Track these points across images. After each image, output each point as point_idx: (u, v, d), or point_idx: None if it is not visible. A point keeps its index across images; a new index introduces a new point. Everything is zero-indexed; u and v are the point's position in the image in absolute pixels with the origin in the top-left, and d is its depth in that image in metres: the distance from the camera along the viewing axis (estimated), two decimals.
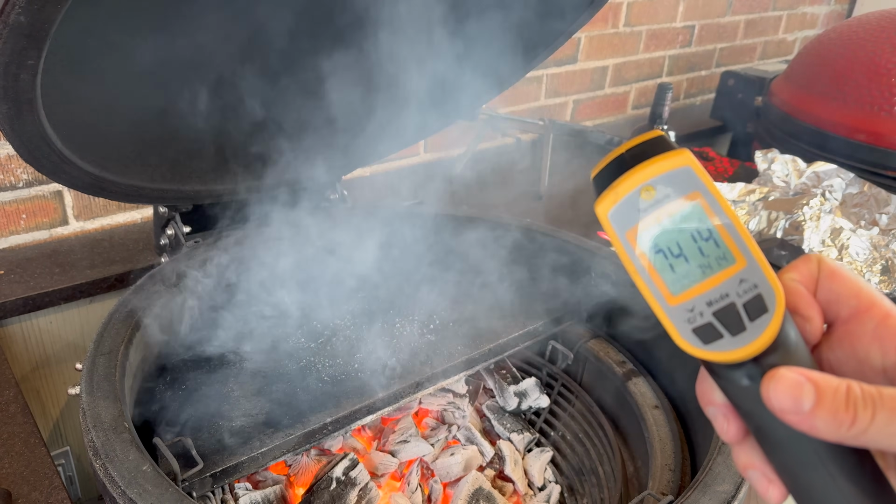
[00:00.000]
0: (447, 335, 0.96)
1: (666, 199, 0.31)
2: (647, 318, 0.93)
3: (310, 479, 0.83)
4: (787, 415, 0.30)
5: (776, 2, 2.42)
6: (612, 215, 0.32)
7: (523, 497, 0.92)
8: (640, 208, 0.31)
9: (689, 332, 0.32)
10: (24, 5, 0.54)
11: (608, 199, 0.31)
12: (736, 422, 0.33)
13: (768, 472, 0.32)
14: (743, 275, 0.31)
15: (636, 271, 0.32)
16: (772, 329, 0.31)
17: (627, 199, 0.31)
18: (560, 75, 1.91)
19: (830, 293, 0.33)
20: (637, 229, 0.31)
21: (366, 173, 1.64)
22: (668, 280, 0.32)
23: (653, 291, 0.32)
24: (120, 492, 0.58)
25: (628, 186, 0.31)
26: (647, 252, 0.32)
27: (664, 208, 0.31)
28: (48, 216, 1.21)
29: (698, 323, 0.32)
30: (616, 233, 0.32)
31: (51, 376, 1.14)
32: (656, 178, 0.31)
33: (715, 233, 0.31)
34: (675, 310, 0.32)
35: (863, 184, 1.31)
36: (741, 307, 0.31)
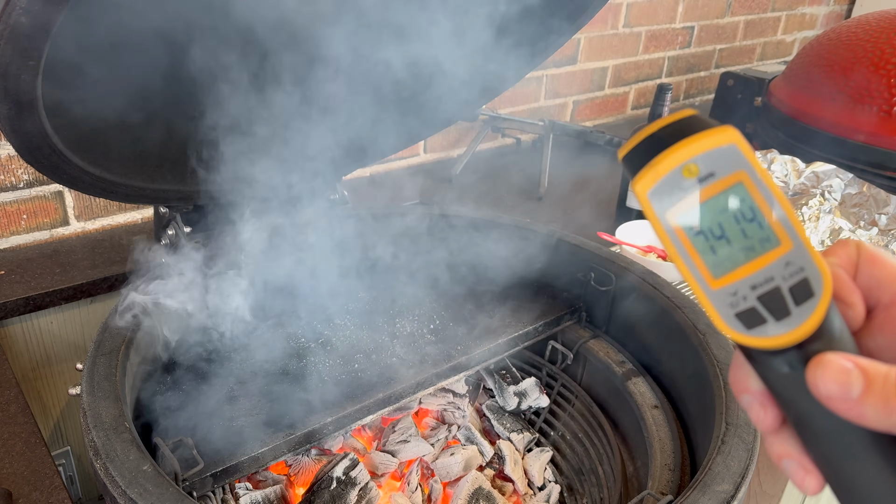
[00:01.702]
0: (447, 335, 0.97)
1: (710, 178, 0.30)
2: (647, 317, 0.94)
3: (310, 478, 0.83)
4: (835, 402, 0.29)
5: (775, 3, 2.43)
6: (652, 194, 0.30)
7: (523, 497, 0.92)
8: (682, 187, 0.30)
9: (732, 316, 0.30)
10: (24, 6, 0.55)
11: (648, 177, 0.30)
12: (773, 410, 0.32)
13: (805, 462, 0.32)
14: (789, 258, 0.30)
15: (676, 253, 0.30)
16: (818, 314, 0.30)
17: (669, 178, 0.29)
18: (560, 76, 1.91)
19: (871, 278, 0.32)
20: (678, 209, 0.30)
21: (366, 174, 1.64)
22: (709, 263, 0.30)
23: (694, 274, 0.30)
24: (120, 491, 0.58)
25: (670, 164, 0.29)
26: (688, 233, 0.30)
27: (707, 187, 0.30)
28: (49, 216, 1.22)
29: (741, 307, 0.30)
30: (656, 213, 0.30)
31: (51, 376, 1.14)
32: (700, 155, 0.29)
33: (759, 214, 0.30)
34: (718, 294, 0.30)
35: (862, 184, 1.32)
36: (787, 291, 0.30)
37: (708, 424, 0.74)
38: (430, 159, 1.77)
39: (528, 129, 1.72)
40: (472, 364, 0.93)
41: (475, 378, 1.04)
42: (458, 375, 0.92)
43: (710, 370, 0.78)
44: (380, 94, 1.00)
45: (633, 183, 0.30)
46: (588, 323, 1.03)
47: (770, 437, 0.33)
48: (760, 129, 1.75)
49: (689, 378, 0.85)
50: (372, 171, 1.66)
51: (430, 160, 1.77)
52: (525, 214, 1.47)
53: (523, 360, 1.06)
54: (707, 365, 0.79)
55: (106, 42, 0.71)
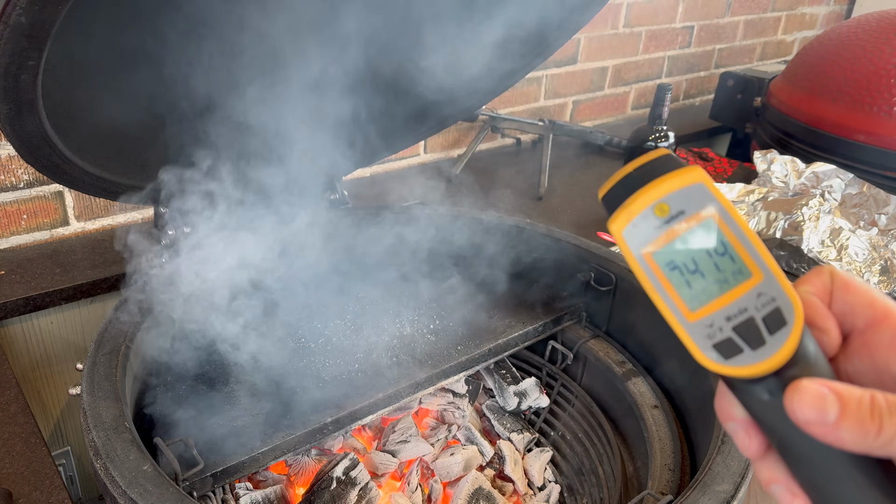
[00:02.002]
0: (447, 335, 0.97)
1: (680, 216, 0.31)
2: (647, 318, 0.94)
3: (310, 478, 0.84)
4: (812, 426, 0.29)
5: (775, 2, 2.43)
6: (627, 233, 0.31)
7: (523, 497, 0.92)
8: (654, 225, 0.31)
9: (710, 347, 0.32)
10: (24, 6, 0.55)
11: (622, 217, 0.31)
12: (757, 437, 0.33)
13: (792, 487, 0.32)
14: (760, 288, 0.31)
15: (653, 288, 0.32)
16: (792, 341, 0.31)
17: (641, 217, 0.31)
18: (560, 76, 1.91)
19: (845, 304, 0.33)
20: (652, 246, 0.31)
21: (366, 174, 1.64)
22: (685, 296, 0.32)
23: (671, 308, 0.32)
24: (121, 491, 0.58)
25: (642, 204, 0.31)
26: (663, 269, 0.32)
27: (679, 225, 0.31)
28: (49, 216, 1.22)
29: (718, 338, 0.31)
30: (631, 250, 0.32)
31: (52, 376, 1.14)
32: (669, 195, 0.31)
33: (730, 248, 0.31)
34: (695, 326, 0.32)
35: (862, 184, 1.32)
36: (760, 321, 0.31)
37: (708, 424, 0.74)
38: (430, 159, 1.77)
39: (528, 129, 1.72)
40: (472, 364, 0.93)
41: (475, 378, 1.04)
42: (458, 375, 0.92)
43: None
44: (380, 93, 1.00)
45: (609, 223, 0.32)
46: (588, 323, 1.03)
47: (757, 463, 0.34)
48: (760, 129, 1.75)
49: (689, 378, 0.85)
50: (372, 171, 1.66)
51: (430, 160, 1.77)
52: (525, 214, 1.47)
53: (523, 360, 1.06)
54: None
55: (106, 43, 0.71)
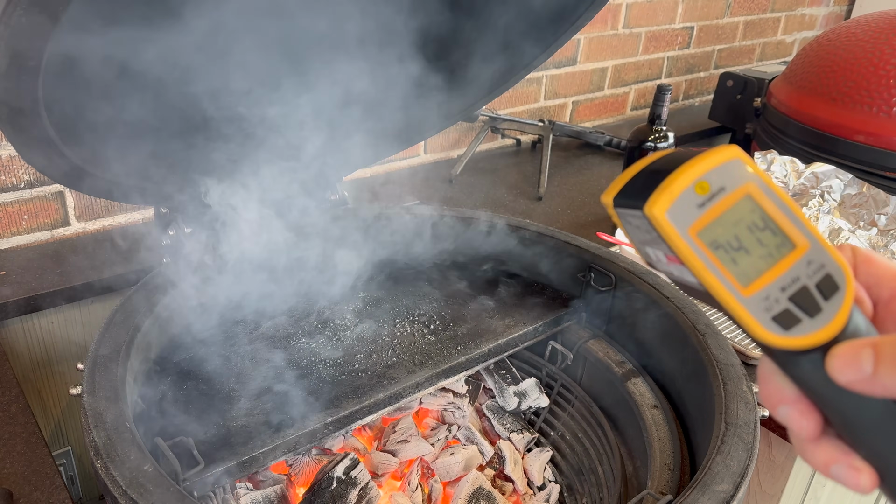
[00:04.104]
0: (447, 335, 0.97)
1: (721, 193, 0.31)
2: (646, 318, 0.94)
3: (310, 478, 0.84)
4: (856, 384, 0.30)
5: (775, 3, 2.43)
6: (671, 213, 0.31)
7: (523, 496, 0.92)
8: (697, 203, 0.31)
9: (769, 320, 0.31)
10: (25, 6, 0.55)
11: (664, 197, 0.30)
12: (814, 416, 0.33)
13: (854, 461, 0.32)
14: (809, 256, 0.31)
15: (704, 267, 0.31)
16: (847, 305, 0.31)
17: (684, 196, 0.31)
18: (560, 76, 1.91)
19: (870, 277, 0.34)
20: (697, 225, 0.31)
21: (366, 174, 1.65)
22: (734, 273, 0.31)
23: (725, 285, 0.31)
24: (121, 491, 0.58)
25: (683, 183, 0.31)
26: (710, 247, 0.31)
27: (720, 202, 0.31)
28: (50, 217, 1.22)
29: (776, 310, 0.31)
30: (677, 231, 0.31)
31: (52, 376, 1.14)
32: (709, 172, 0.31)
33: (771, 222, 0.31)
34: (751, 300, 0.31)
35: (861, 184, 1.32)
36: (814, 288, 0.31)
37: (707, 424, 0.74)
38: (430, 160, 1.77)
39: (527, 129, 1.72)
40: (472, 364, 0.93)
41: (475, 378, 1.04)
42: (458, 375, 0.92)
43: (709, 370, 0.78)
44: (380, 93, 1.00)
45: (649, 207, 0.31)
46: (588, 323, 1.04)
47: (810, 448, 0.33)
48: (760, 129, 1.75)
49: (688, 378, 0.86)
50: (372, 171, 1.66)
51: (429, 160, 1.77)
52: (525, 215, 1.47)
53: (523, 360, 1.06)
54: (707, 365, 0.79)
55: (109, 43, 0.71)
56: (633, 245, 0.35)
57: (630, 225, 0.34)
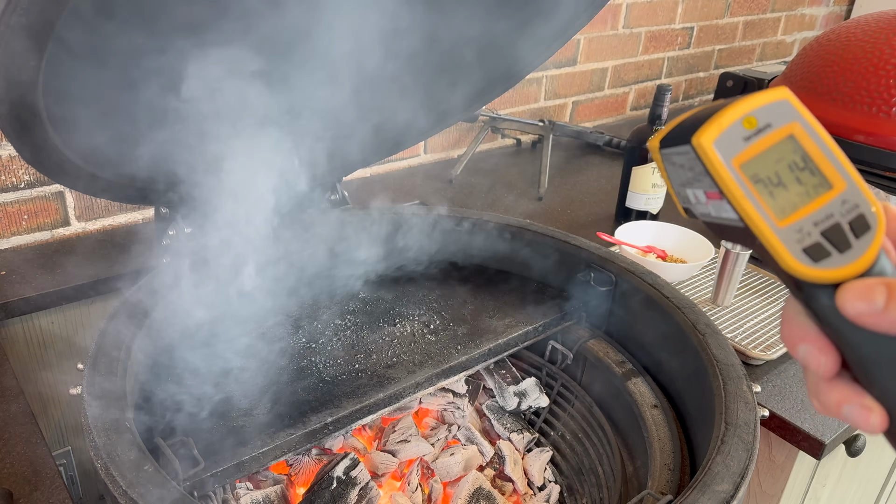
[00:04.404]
0: (447, 335, 0.97)
1: (767, 129, 0.32)
2: (646, 317, 0.94)
3: (310, 478, 0.84)
4: (864, 317, 0.31)
5: (775, 3, 2.43)
6: (718, 143, 0.32)
7: (523, 497, 0.92)
8: (743, 136, 0.32)
9: (800, 251, 0.33)
10: (25, 7, 0.55)
11: (712, 128, 0.32)
12: (832, 354, 0.34)
13: (865, 401, 0.33)
14: (845, 196, 0.33)
15: (744, 196, 0.33)
16: (876, 244, 0.32)
17: (732, 129, 0.32)
18: (560, 77, 1.91)
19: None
20: (742, 157, 0.33)
21: (366, 174, 1.65)
22: (772, 206, 0.33)
23: (761, 214, 0.33)
24: (121, 491, 0.58)
25: (732, 116, 0.32)
26: (751, 179, 0.33)
27: (765, 137, 0.33)
28: (50, 217, 1.22)
29: (807, 242, 0.33)
30: (722, 160, 0.33)
31: (52, 376, 1.14)
32: (758, 108, 0.32)
33: (811, 162, 0.33)
34: (785, 231, 0.33)
35: None
36: (846, 225, 0.33)
37: (707, 424, 0.74)
38: (430, 160, 1.77)
39: (527, 129, 1.72)
40: (472, 364, 0.93)
41: (475, 378, 1.04)
42: (458, 375, 0.92)
43: (709, 370, 0.78)
44: (380, 93, 1.00)
45: (697, 137, 0.32)
46: (588, 323, 1.04)
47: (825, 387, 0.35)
48: None
49: (688, 378, 0.86)
50: (372, 171, 1.66)
51: (430, 161, 1.77)
52: (525, 215, 1.47)
53: (523, 360, 1.06)
54: (707, 365, 0.79)
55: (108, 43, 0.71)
56: (672, 190, 0.37)
57: (673, 165, 0.35)
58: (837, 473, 1.08)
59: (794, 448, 0.93)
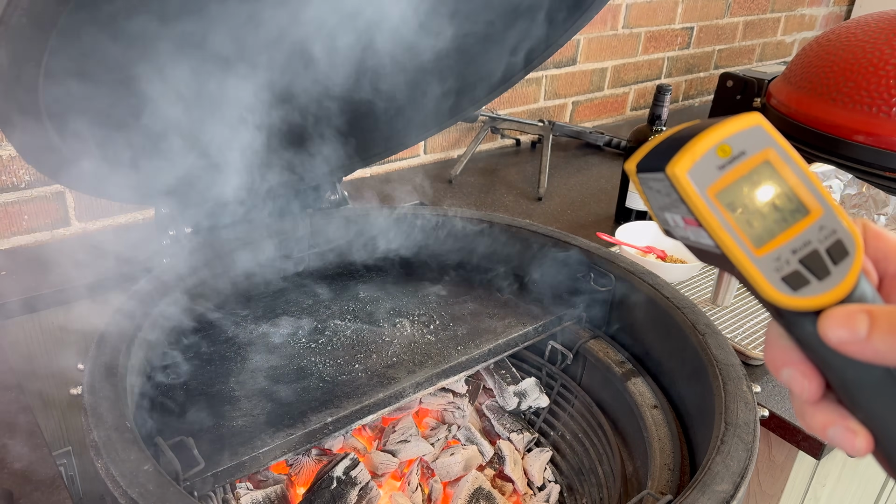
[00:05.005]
0: (447, 335, 0.97)
1: (741, 157, 0.32)
2: (646, 317, 0.94)
3: (310, 478, 0.84)
4: (847, 346, 0.31)
5: (775, 3, 2.43)
6: (692, 173, 0.32)
7: (523, 496, 0.92)
8: (717, 165, 0.32)
9: (779, 280, 0.33)
10: (26, 7, 0.55)
11: (686, 158, 0.32)
12: (816, 379, 0.34)
13: (851, 425, 0.33)
14: (822, 222, 0.33)
15: (720, 226, 0.32)
16: (854, 270, 0.32)
17: (705, 158, 0.32)
18: (559, 77, 1.91)
19: (878, 251, 0.35)
20: (717, 186, 0.32)
21: (366, 174, 1.65)
22: (749, 235, 0.33)
23: (739, 244, 0.33)
24: (122, 491, 0.58)
25: (706, 145, 0.32)
26: (727, 208, 0.33)
27: (740, 165, 0.32)
28: (50, 217, 1.22)
29: (786, 271, 0.32)
30: (696, 190, 0.32)
31: (52, 376, 1.14)
32: (731, 136, 0.32)
33: (788, 187, 0.33)
34: (763, 260, 0.33)
35: (861, 185, 1.32)
36: (824, 252, 0.32)
37: (707, 424, 0.74)
38: (430, 160, 1.77)
39: (527, 129, 1.72)
40: (472, 364, 0.93)
41: (475, 378, 1.04)
42: (458, 375, 0.92)
43: (709, 370, 0.78)
44: (380, 93, 1.00)
45: (671, 167, 0.32)
46: (588, 323, 1.04)
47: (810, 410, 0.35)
48: None
49: (688, 378, 0.86)
50: (372, 171, 1.66)
51: (429, 161, 1.77)
52: (524, 215, 1.47)
53: (523, 360, 1.06)
54: (707, 365, 0.79)
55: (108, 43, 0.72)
56: (651, 212, 0.37)
57: (651, 190, 0.35)
58: (837, 473, 1.08)
59: (793, 448, 0.93)
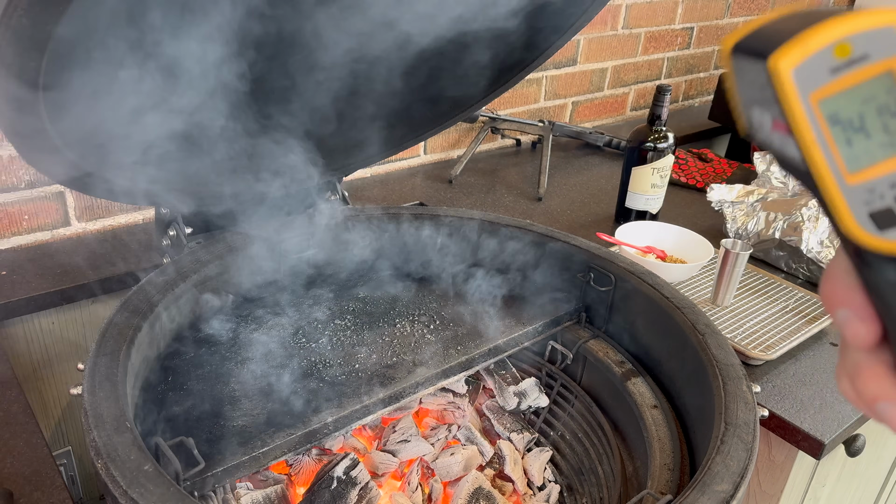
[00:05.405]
0: (447, 335, 0.97)
1: (862, 61, 0.26)
2: (646, 317, 0.94)
3: (311, 478, 0.84)
4: None
5: (774, 4, 2.43)
6: (798, 73, 0.27)
7: (523, 496, 0.92)
8: (830, 67, 0.27)
9: (865, 215, 0.28)
10: (25, 7, 0.55)
11: (795, 51, 0.26)
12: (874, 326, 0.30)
13: None
14: None
15: (815, 140, 0.27)
16: None
17: (819, 55, 0.26)
18: (559, 77, 1.91)
19: None
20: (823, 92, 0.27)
21: (366, 174, 1.65)
22: (845, 155, 0.27)
23: (830, 165, 0.28)
24: (122, 491, 0.58)
25: (823, 39, 0.26)
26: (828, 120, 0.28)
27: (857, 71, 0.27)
28: (50, 217, 1.22)
29: (877, 206, 0.28)
30: (798, 94, 0.27)
31: (53, 376, 1.15)
32: (856, 34, 0.26)
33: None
34: (854, 189, 0.28)
35: None
36: None
37: (707, 424, 0.74)
38: (430, 160, 1.77)
39: (527, 129, 1.72)
40: (472, 364, 0.93)
41: (475, 378, 1.04)
42: (458, 375, 0.92)
43: (709, 370, 0.78)
44: (380, 93, 1.00)
45: (775, 59, 0.27)
46: (588, 323, 1.04)
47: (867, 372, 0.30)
48: None
49: (688, 378, 0.86)
50: (372, 171, 1.66)
51: (429, 161, 1.77)
52: (524, 215, 1.47)
53: (523, 360, 1.06)
54: (706, 365, 0.79)
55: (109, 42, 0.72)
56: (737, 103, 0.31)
57: (743, 79, 0.30)
58: (837, 473, 1.08)
59: (793, 448, 0.93)
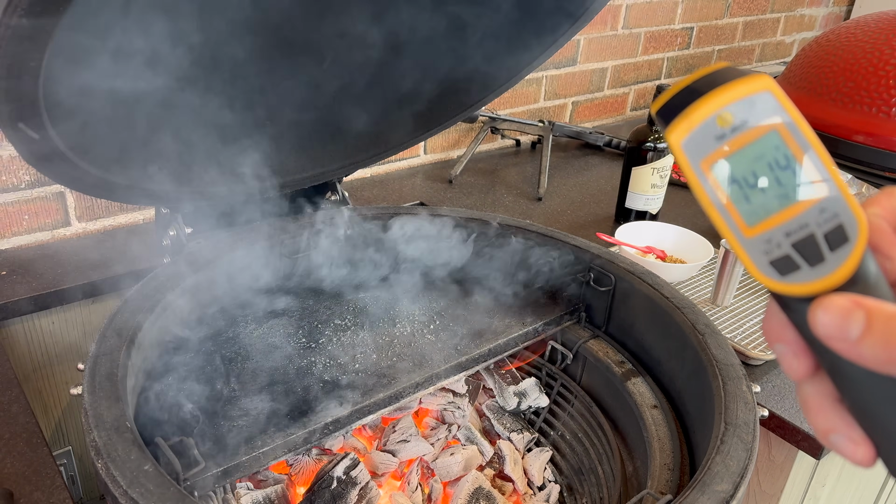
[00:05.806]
0: (447, 335, 0.97)
1: (743, 126, 0.29)
2: (646, 318, 0.94)
3: (311, 478, 0.84)
4: (834, 342, 0.28)
5: (774, 4, 2.43)
6: (686, 144, 0.30)
7: (523, 496, 0.92)
8: (715, 135, 0.30)
9: (766, 264, 0.30)
10: (26, 7, 0.55)
11: (681, 126, 0.30)
12: (806, 360, 0.32)
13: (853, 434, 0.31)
14: (824, 204, 0.29)
15: (710, 203, 0.30)
16: (853, 260, 0.29)
17: (702, 127, 0.30)
18: (559, 77, 1.91)
19: None
20: (712, 158, 0.30)
21: (366, 174, 1.65)
22: (743, 211, 0.30)
23: (728, 224, 0.30)
24: (122, 491, 0.58)
25: (704, 113, 0.29)
26: (722, 182, 0.30)
27: (741, 135, 0.29)
28: (50, 217, 1.22)
29: (776, 255, 0.30)
30: (689, 162, 0.30)
31: (53, 376, 1.15)
32: (733, 104, 0.29)
33: (794, 162, 0.30)
34: (752, 242, 0.30)
35: (861, 185, 1.32)
36: (821, 237, 0.29)
37: (707, 424, 0.74)
38: (430, 160, 1.77)
39: (527, 129, 1.72)
40: (472, 364, 0.93)
41: (475, 378, 1.04)
42: (458, 375, 0.92)
43: (709, 370, 0.78)
44: (379, 93, 1.00)
45: (667, 133, 0.30)
46: (588, 323, 1.04)
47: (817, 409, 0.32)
48: None
49: (688, 378, 0.86)
50: (372, 171, 1.66)
51: (429, 161, 1.77)
52: (524, 215, 1.47)
53: (523, 360, 1.06)
54: (706, 365, 0.79)
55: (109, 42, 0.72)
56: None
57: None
58: (837, 473, 1.08)
59: (793, 448, 0.93)
